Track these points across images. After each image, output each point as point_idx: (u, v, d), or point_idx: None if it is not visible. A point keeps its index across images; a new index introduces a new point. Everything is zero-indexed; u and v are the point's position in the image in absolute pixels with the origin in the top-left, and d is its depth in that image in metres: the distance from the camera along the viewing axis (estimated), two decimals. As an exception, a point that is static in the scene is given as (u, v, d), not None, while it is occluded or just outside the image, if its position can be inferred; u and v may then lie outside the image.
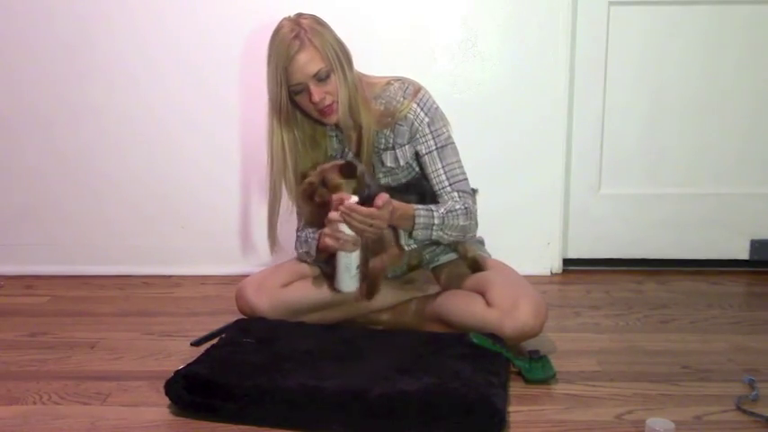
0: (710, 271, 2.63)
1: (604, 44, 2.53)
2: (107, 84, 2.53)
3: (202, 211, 2.57)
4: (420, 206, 1.87)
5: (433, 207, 1.89)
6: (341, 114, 1.88)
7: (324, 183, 1.86)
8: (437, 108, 1.97)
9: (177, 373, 1.61)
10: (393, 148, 1.97)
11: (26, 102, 2.55)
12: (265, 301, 1.95)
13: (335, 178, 1.85)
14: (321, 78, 1.83)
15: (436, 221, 1.87)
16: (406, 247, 1.92)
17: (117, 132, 2.57)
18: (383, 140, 1.97)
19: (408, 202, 1.89)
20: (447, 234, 1.91)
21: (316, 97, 1.83)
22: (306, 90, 1.84)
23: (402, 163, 1.98)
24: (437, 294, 2.02)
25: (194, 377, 1.58)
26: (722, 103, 2.58)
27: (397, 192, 1.92)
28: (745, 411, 1.57)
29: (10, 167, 2.59)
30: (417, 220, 1.85)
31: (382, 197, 1.77)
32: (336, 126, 1.97)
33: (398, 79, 1.97)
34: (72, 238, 2.62)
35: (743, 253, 2.66)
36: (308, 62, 1.81)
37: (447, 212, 1.89)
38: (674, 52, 2.56)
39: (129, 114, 2.55)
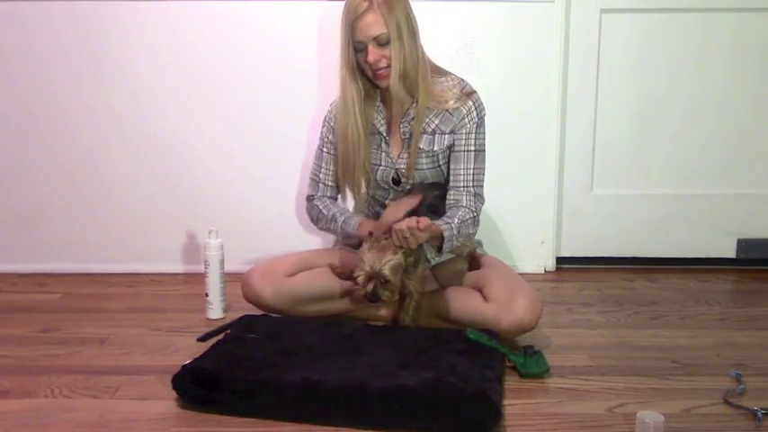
0: (699, 269, 2.65)
1: (596, 49, 2.55)
2: (122, 87, 2.54)
3: (209, 211, 2.57)
4: (440, 222, 1.89)
5: (448, 219, 1.92)
6: (392, 82, 1.92)
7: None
8: (485, 115, 2.03)
9: (184, 367, 1.63)
10: (433, 133, 2.01)
11: (40, 104, 2.55)
12: (270, 288, 1.99)
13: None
14: (381, 43, 1.90)
15: (454, 232, 1.91)
16: (433, 261, 1.94)
17: (128, 134, 2.57)
18: (426, 123, 2.01)
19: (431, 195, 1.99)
20: (457, 242, 1.97)
21: (371, 58, 1.90)
22: (365, 49, 1.90)
23: (435, 148, 2.01)
24: (435, 291, 2.05)
25: (201, 371, 1.60)
26: (710, 106, 2.60)
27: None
28: (732, 404, 1.59)
29: (24, 169, 2.59)
30: (444, 235, 1.88)
31: (425, 221, 1.80)
32: (383, 100, 2.02)
33: (456, 76, 2.04)
34: (83, 237, 2.62)
35: (730, 252, 2.68)
36: (371, 24, 1.88)
37: (461, 223, 1.94)
38: (663, 57, 2.58)
39: (140, 116, 2.56)
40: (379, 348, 1.75)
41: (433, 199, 1.99)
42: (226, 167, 2.60)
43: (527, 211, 2.63)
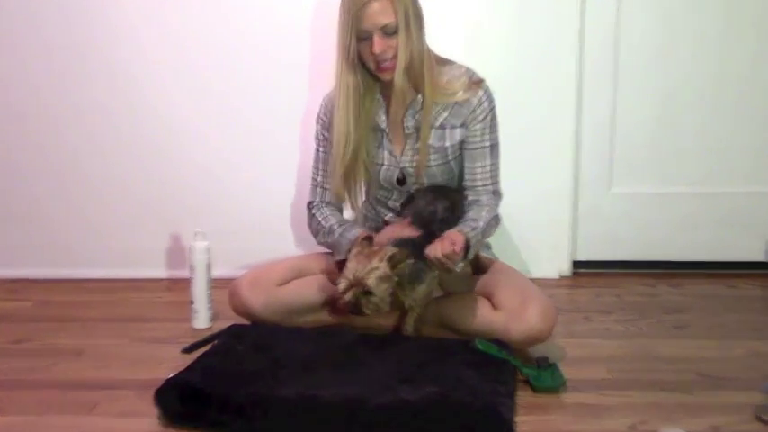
0: (726, 273, 2.60)
1: (613, 37, 2.51)
2: (97, 87, 2.53)
3: (193, 213, 2.57)
4: (466, 228, 1.85)
5: (473, 224, 1.88)
6: (396, 75, 1.88)
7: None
8: (495, 105, 2.00)
9: (168, 381, 1.60)
10: (442, 128, 1.97)
11: (20, 100, 2.55)
12: (260, 299, 1.96)
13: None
14: (388, 33, 1.85)
15: (480, 238, 1.89)
16: (457, 270, 1.87)
17: (105, 134, 2.56)
18: (433, 117, 1.97)
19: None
20: (480, 245, 1.95)
21: (377, 48, 1.85)
22: (370, 39, 1.86)
23: (447, 144, 1.97)
24: (440, 298, 2.02)
25: (186, 386, 1.57)
26: (737, 98, 2.55)
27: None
28: (764, 421, 1.54)
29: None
30: (471, 243, 1.83)
31: (460, 243, 1.74)
32: (382, 94, 1.98)
33: (461, 64, 2.00)
34: (57, 240, 2.62)
35: (759, 254, 2.63)
36: (379, 12, 1.84)
37: (486, 226, 1.91)
38: (686, 45, 2.53)
39: (123, 112, 2.55)
40: (380, 360, 1.72)
41: (444, 212, 1.95)
42: (213, 164, 2.59)
43: (540, 211, 2.58)
